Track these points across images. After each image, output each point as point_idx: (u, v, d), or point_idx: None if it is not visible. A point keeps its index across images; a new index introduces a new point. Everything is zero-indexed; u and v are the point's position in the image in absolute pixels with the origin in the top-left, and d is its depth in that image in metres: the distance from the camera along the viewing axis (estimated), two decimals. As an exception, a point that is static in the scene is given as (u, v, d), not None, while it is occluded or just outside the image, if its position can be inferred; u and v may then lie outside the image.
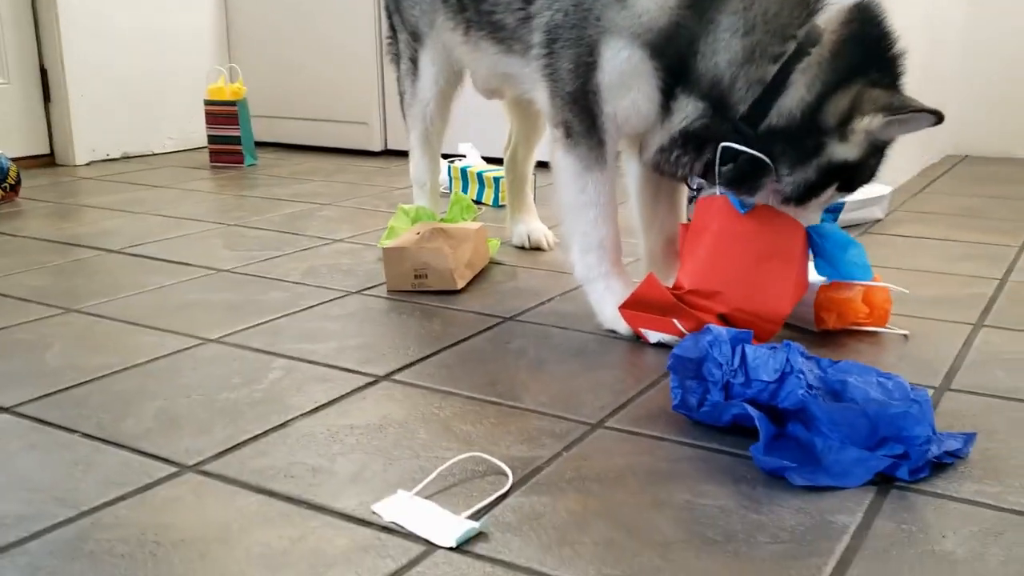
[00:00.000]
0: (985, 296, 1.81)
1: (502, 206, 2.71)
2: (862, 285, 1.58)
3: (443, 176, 2.90)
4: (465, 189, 2.82)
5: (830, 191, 1.46)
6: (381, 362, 1.48)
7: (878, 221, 2.47)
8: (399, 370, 1.45)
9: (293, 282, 1.95)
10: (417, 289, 1.86)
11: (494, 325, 1.67)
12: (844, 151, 1.40)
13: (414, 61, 2.03)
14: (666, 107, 1.50)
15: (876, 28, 1.40)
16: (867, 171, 1.45)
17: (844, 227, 2.25)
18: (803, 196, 1.45)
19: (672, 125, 1.50)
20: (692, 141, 1.49)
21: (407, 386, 1.40)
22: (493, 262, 2.09)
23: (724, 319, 1.48)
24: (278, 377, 1.43)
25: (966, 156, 3.56)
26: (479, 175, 2.77)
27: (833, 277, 1.56)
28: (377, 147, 3.80)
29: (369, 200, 2.85)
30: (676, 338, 1.47)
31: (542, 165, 2.13)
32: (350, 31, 3.75)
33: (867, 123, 1.36)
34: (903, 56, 1.41)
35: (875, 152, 1.43)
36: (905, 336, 1.58)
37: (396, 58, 2.11)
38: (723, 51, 1.41)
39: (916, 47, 2.94)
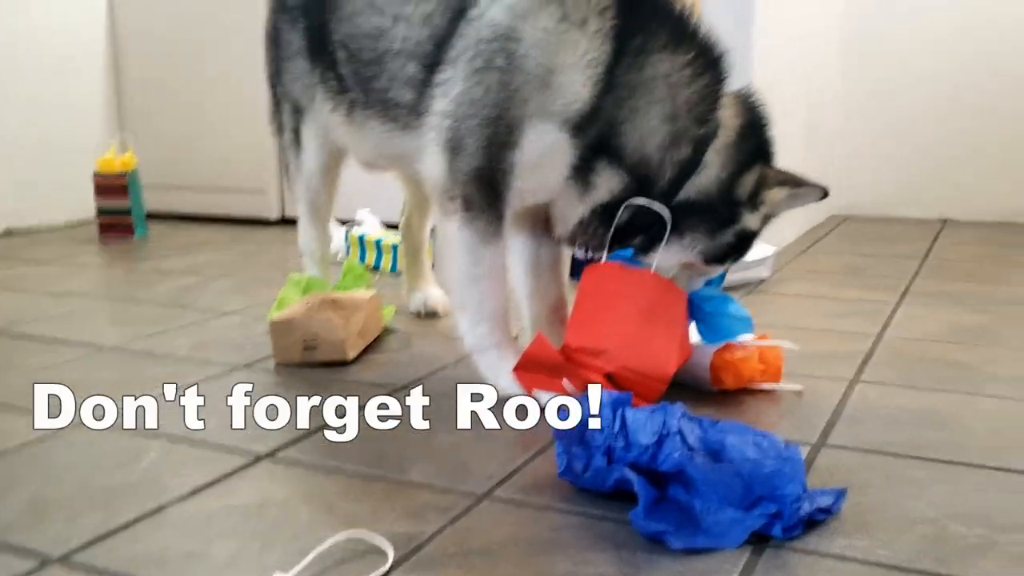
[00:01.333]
0: (862, 352, 1.87)
1: (400, 273, 2.71)
2: (756, 346, 1.62)
3: (340, 243, 2.89)
4: (363, 256, 2.81)
5: (737, 256, 1.62)
6: (265, 439, 1.45)
7: (763, 280, 2.55)
8: (283, 447, 1.42)
9: (179, 357, 1.90)
10: (307, 361, 1.84)
11: (385, 395, 1.65)
12: (753, 221, 1.58)
13: (296, 132, 2.01)
14: (587, 182, 1.56)
15: (762, 115, 1.60)
16: (750, 244, 1.63)
17: (732, 287, 2.32)
18: (721, 258, 1.60)
19: (595, 199, 1.57)
20: (612, 213, 1.57)
21: (291, 464, 1.37)
22: (388, 330, 2.07)
23: (611, 378, 1.50)
24: (156, 459, 1.38)
25: (848, 216, 3.72)
26: (377, 243, 2.76)
27: (716, 340, 1.61)
28: (274, 215, 3.77)
29: (265, 270, 2.82)
30: (568, 396, 1.48)
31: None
32: (246, 98, 3.72)
33: (774, 195, 1.57)
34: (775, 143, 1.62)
35: (766, 223, 1.63)
36: (799, 392, 1.63)
37: (280, 129, 2.09)
38: (652, 135, 1.53)
39: (797, 112, 3.10)
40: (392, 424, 1.51)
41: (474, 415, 1.54)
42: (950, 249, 3.04)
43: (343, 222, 2.99)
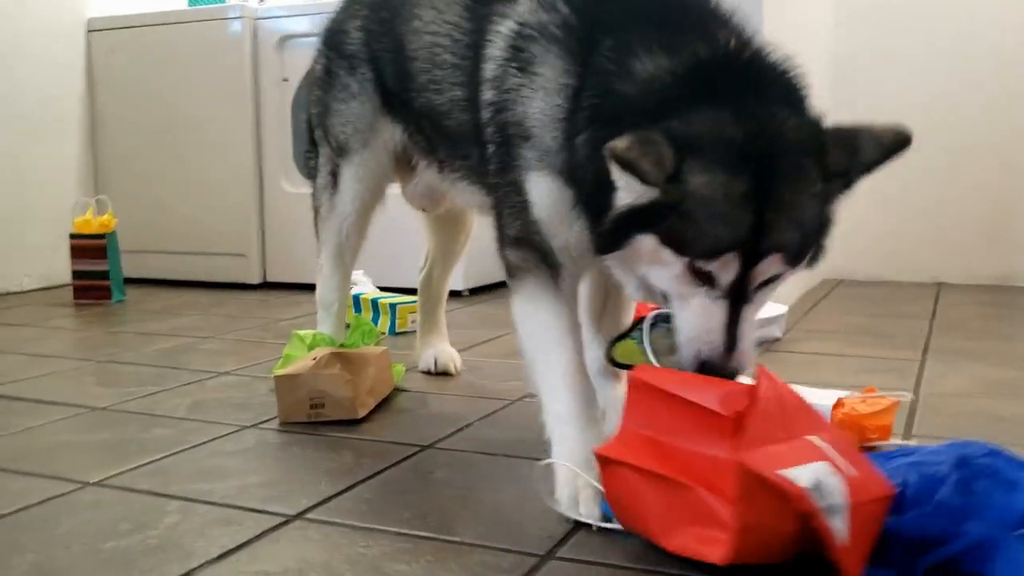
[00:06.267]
0: (904, 407, 1.79)
1: (399, 333, 2.61)
2: (876, 400, 1.54)
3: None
4: (358, 314, 2.69)
5: None
6: (290, 500, 1.33)
7: (777, 340, 2.48)
8: (312, 507, 1.30)
9: (179, 418, 1.77)
10: (313, 420, 1.71)
11: (412, 454, 1.53)
12: None
13: (334, 175, 1.92)
14: None
15: None
16: None
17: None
18: None
19: None
20: None
21: (324, 525, 1.24)
22: (399, 389, 1.96)
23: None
24: (175, 521, 1.25)
25: (841, 280, 3.69)
26: (374, 302, 2.66)
27: None
28: (255, 280, 3.65)
29: (253, 332, 2.69)
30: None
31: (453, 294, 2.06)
32: (228, 160, 3.65)
33: None
34: None
35: None
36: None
37: (314, 172, 2.00)
38: None
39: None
40: (426, 482, 1.39)
41: (515, 473, 1.43)
42: (952, 309, 3.00)
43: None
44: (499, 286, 2.12)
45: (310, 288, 2.90)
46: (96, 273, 3.24)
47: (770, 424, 1.07)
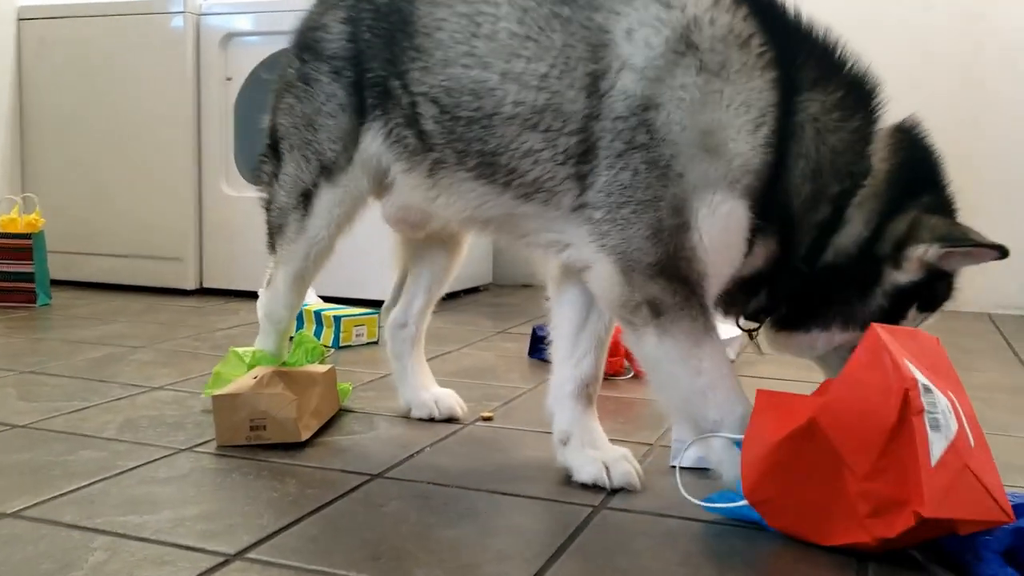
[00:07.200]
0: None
1: (343, 347, 2.50)
2: None
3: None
4: (299, 327, 2.59)
5: (911, 313, 1.36)
6: (230, 536, 1.22)
7: (731, 362, 2.44)
8: (254, 545, 1.20)
9: (108, 438, 1.65)
10: (254, 443, 1.60)
11: (361, 484, 1.44)
12: (901, 276, 1.32)
13: (307, 196, 1.69)
14: (748, 251, 1.36)
15: (923, 151, 1.36)
16: (941, 291, 1.36)
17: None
18: (884, 320, 1.31)
19: (746, 268, 1.37)
20: (752, 283, 1.38)
21: (268, 566, 1.14)
22: (344, 410, 1.86)
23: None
24: (102, 560, 1.13)
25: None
26: (317, 313, 2.55)
27: None
28: (191, 285, 3.52)
29: (187, 342, 2.56)
30: None
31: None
32: (166, 160, 3.51)
33: (922, 252, 1.29)
34: (947, 174, 1.36)
35: (941, 276, 1.34)
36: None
37: (268, 181, 1.77)
38: (795, 195, 1.32)
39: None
40: (378, 516, 1.30)
41: (471, 507, 1.34)
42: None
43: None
44: (445, 298, 2.00)
45: (248, 295, 2.80)
46: (20, 275, 3.07)
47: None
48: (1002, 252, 1.25)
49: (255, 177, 1.85)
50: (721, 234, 1.30)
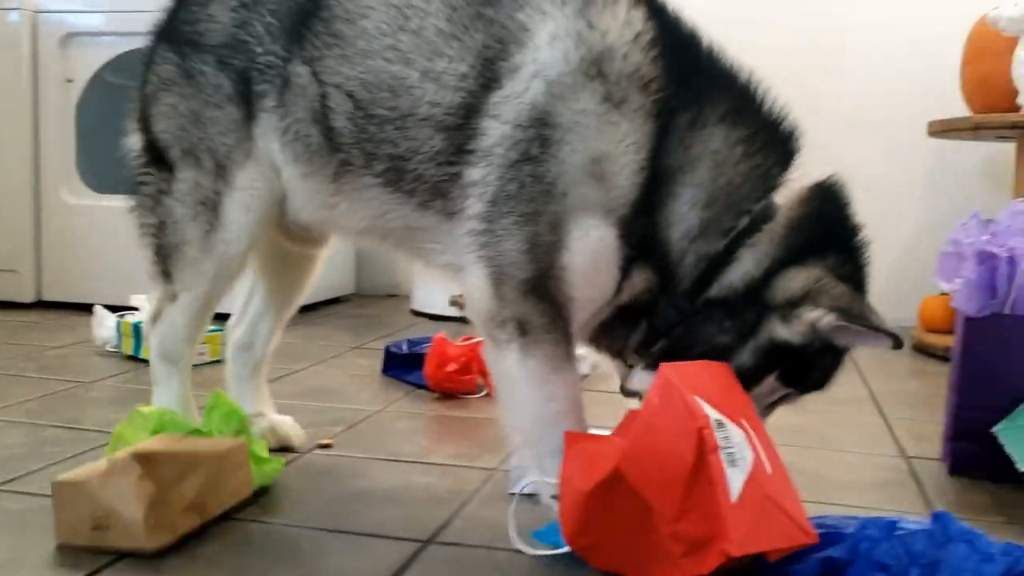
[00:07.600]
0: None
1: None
2: None
3: (110, 333, 2.54)
4: (137, 349, 2.46)
5: (769, 379, 1.30)
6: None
7: (585, 377, 2.43)
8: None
9: (-98, 478, 1.51)
10: (98, 547, 1.25)
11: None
12: (784, 332, 1.26)
13: (207, 204, 1.53)
14: (625, 280, 1.34)
15: (837, 209, 1.32)
16: (817, 370, 1.31)
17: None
18: (744, 376, 1.26)
19: (619, 299, 1.36)
20: (633, 315, 1.36)
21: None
22: (264, 490, 1.50)
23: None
24: None
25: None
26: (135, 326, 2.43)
27: None
28: (29, 298, 3.32)
29: (14, 363, 2.40)
30: None
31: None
32: (0, 166, 3.30)
33: (815, 316, 1.22)
34: (865, 242, 1.32)
35: (827, 352, 1.29)
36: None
37: (158, 198, 1.57)
38: (679, 224, 1.31)
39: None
40: (191, 557, 1.22)
41: (293, 546, 1.27)
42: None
43: (115, 309, 2.63)
44: (302, 310, 1.90)
45: (91, 309, 2.64)
46: None
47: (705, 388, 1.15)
48: (896, 343, 1.21)
49: (147, 201, 1.61)
50: (591, 257, 1.31)
